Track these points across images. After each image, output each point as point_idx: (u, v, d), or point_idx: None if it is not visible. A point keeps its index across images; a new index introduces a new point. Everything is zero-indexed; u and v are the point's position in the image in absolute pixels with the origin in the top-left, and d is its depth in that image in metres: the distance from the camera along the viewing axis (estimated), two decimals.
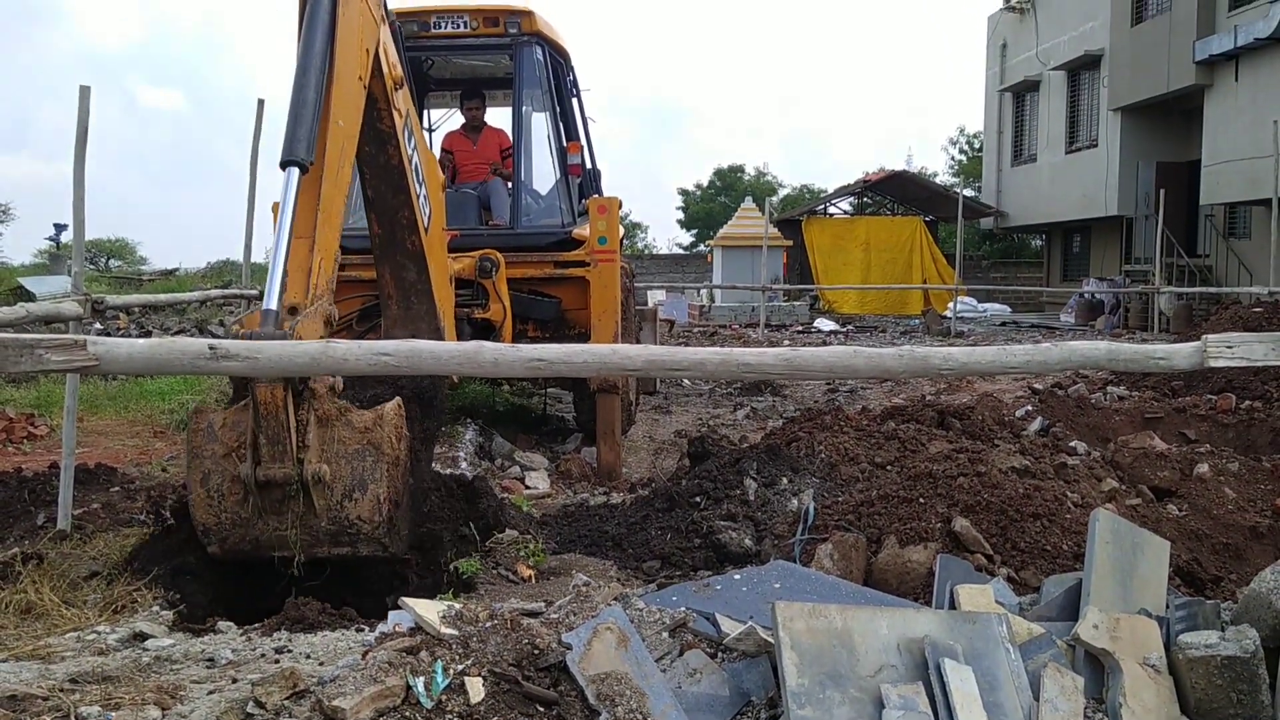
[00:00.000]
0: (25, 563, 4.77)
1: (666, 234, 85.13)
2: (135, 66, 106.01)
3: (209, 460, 4.11)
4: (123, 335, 14.73)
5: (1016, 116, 31.29)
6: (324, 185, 4.56)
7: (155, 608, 4.25)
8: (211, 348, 2.76)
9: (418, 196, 6.06)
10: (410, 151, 5.95)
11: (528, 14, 8.57)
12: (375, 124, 5.52)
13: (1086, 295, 24.82)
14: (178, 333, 15.33)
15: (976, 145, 41.48)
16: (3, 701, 3.24)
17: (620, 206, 8.39)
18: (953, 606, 3.33)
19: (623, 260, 8.68)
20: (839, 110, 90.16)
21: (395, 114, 5.68)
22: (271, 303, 4.00)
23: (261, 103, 8.14)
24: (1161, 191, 20.53)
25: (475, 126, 9.32)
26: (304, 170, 4.36)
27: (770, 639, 3.02)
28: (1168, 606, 3.40)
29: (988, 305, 28.20)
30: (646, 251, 42.32)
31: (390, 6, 8.47)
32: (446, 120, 10.30)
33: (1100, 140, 26.19)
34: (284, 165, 4.32)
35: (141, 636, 3.95)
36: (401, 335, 6.25)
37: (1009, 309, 28.36)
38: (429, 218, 6.33)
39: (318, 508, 4.09)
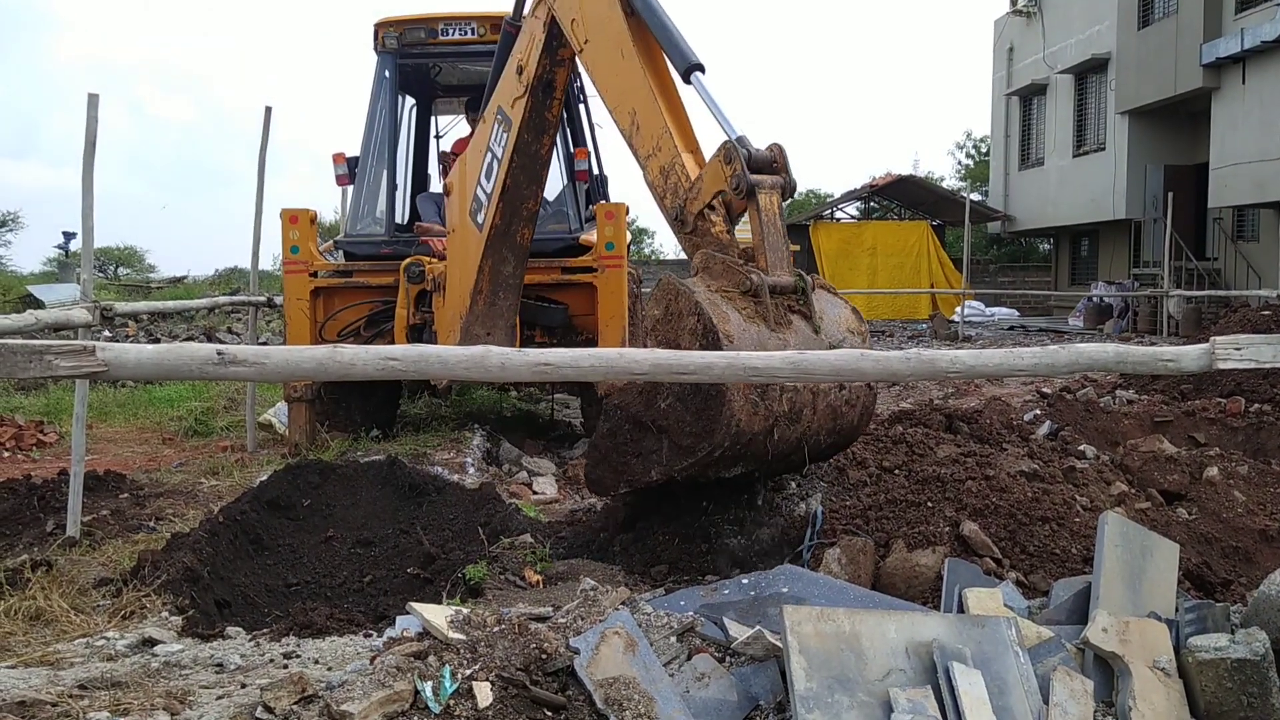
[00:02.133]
0: (35, 569, 4.78)
1: (673, 239, 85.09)
2: (144, 75, 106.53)
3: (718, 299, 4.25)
4: (131, 342, 14.77)
5: (1024, 120, 31.25)
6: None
7: (164, 613, 4.26)
8: (219, 353, 2.77)
9: (542, 186, 6.33)
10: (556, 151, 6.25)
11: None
12: (543, 112, 5.75)
13: (1095, 299, 24.76)
14: (186, 339, 15.38)
15: (983, 149, 41.45)
16: (12, 707, 3.24)
17: (627, 212, 8.40)
18: (961, 610, 3.33)
19: (630, 266, 8.68)
20: (845, 115, 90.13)
21: (560, 106, 5.94)
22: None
23: (269, 110, 8.18)
24: (1169, 195, 20.49)
25: None
26: (703, 70, 4.68)
27: (778, 643, 3.01)
28: (1177, 610, 3.39)
29: (995, 309, 28.15)
30: (654, 257, 42.30)
31: (399, 13, 8.55)
32: (454, 127, 10.34)
33: (1108, 144, 26.14)
34: (688, 72, 4.68)
35: (150, 642, 3.96)
36: (479, 331, 6.46)
37: (1017, 313, 28.31)
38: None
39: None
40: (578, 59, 5.58)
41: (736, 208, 4.55)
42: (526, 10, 6.14)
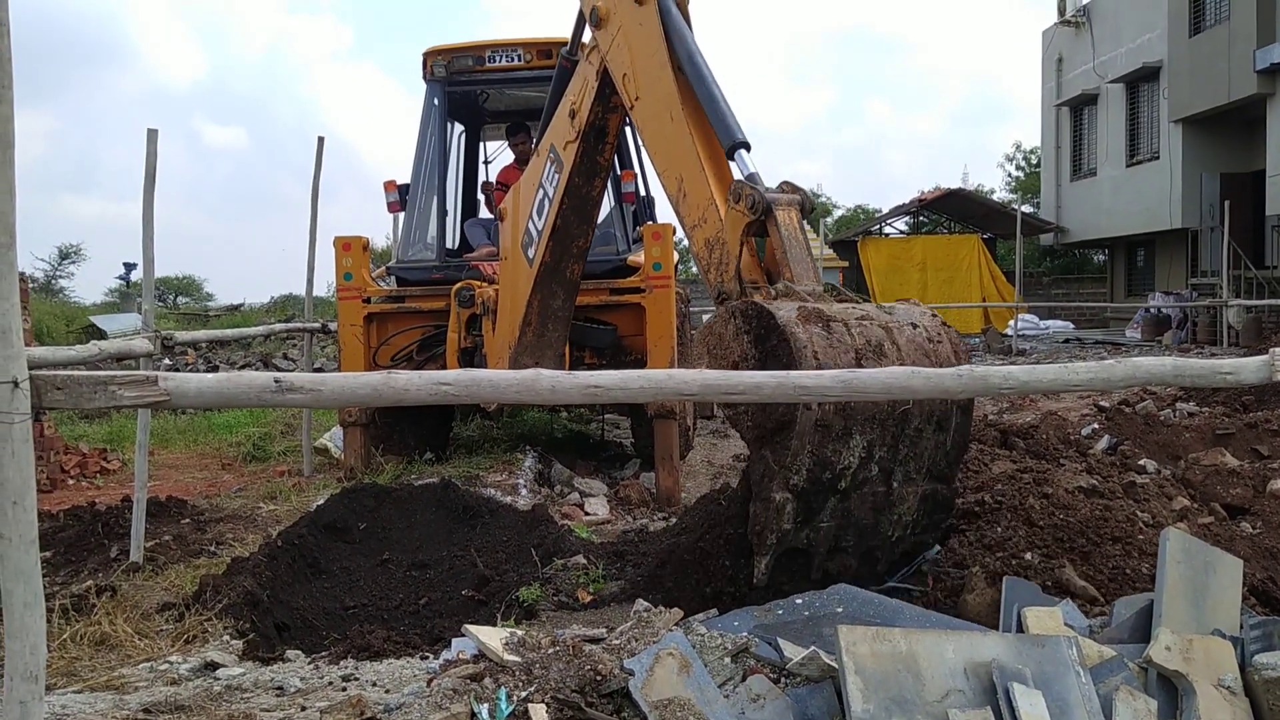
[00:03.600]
0: (99, 595, 4.88)
1: None
2: (199, 105, 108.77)
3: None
4: (190, 370, 15.06)
5: (1075, 131, 30.91)
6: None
7: (225, 637, 4.33)
8: (277, 380, 2.82)
9: (594, 223, 6.34)
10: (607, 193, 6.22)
11: (581, 46, 8.66)
12: (596, 156, 5.84)
13: (1152, 310, 24.37)
14: (243, 366, 15.64)
15: (1034, 161, 41.01)
16: None
17: (674, 233, 8.42)
18: (1020, 629, 3.28)
19: (678, 286, 8.70)
20: (892, 129, 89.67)
21: (611, 149, 5.93)
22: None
23: (321, 140, 8.33)
24: (1226, 203, 20.14)
25: (525, 159, 9.45)
26: (748, 148, 4.64)
27: (834, 664, 3.00)
28: (1242, 627, 3.32)
29: (1050, 322, 27.79)
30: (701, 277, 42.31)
31: (446, 42, 8.68)
32: (501, 152, 10.45)
33: (1162, 152, 25.77)
34: (732, 152, 4.65)
35: (213, 666, 4.02)
36: (527, 361, 6.53)
37: (1072, 326, 27.92)
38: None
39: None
40: (631, 114, 5.51)
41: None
42: (582, 50, 6.12)
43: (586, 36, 6.01)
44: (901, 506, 4.09)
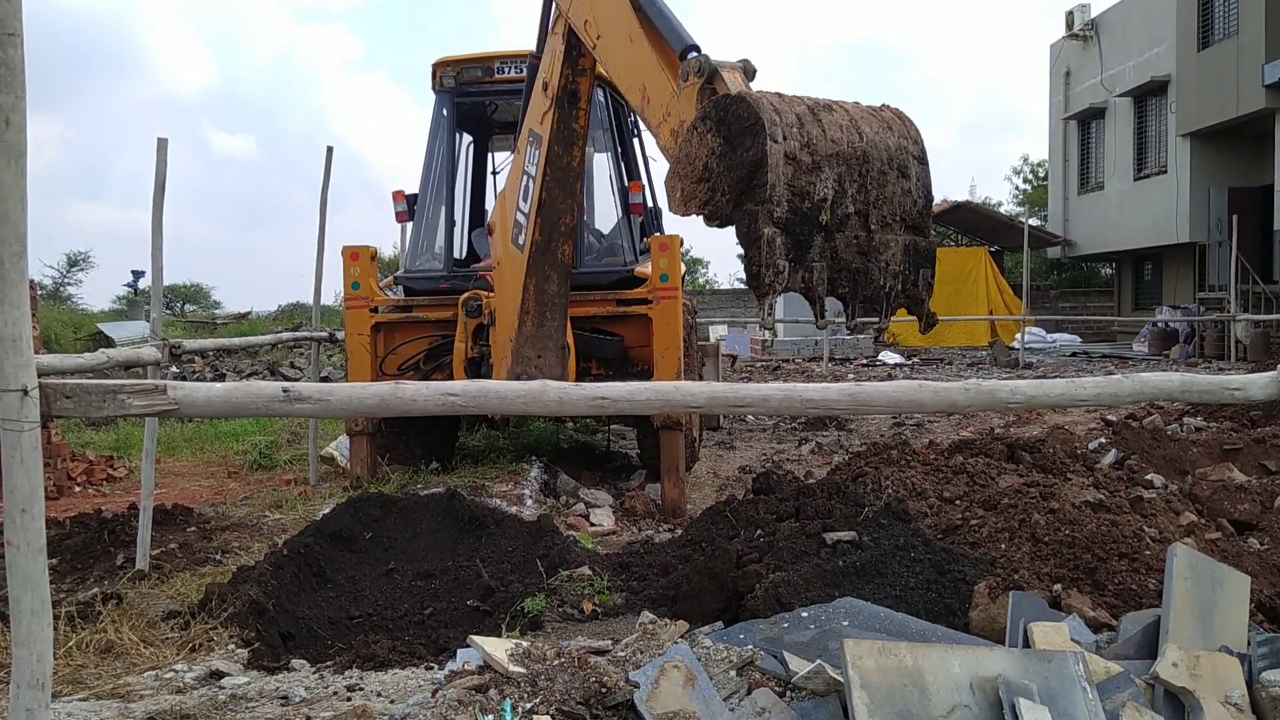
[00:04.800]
0: (105, 602, 4.89)
1: (728, 269, 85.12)
2: (209, 113, 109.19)
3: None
4: (197, 378, 15.09)
5: (1082, 144, 30.91)
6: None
7: (231, 646, 4.33)
8: (285, 390, 2.83)
9: (580, 205, 6.40)
10: (588, 164, 6.32)
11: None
12: (571, 123, 5.94)
13: (1160, 324, 24.34)
14: (250, 375, 15.67)
15: (1041, 174, 41.00)
16: None
17: (681, 244, 8.43)
18: (1027, 645, 3.27)
19: (684, 297, 8.70)
20: None
21: (585, 116, 6.08)
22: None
23: (330, 149, 8.36)
24: (1234, 217, 20.12)
25: None
26: (699, 50, 4.82)
27: (839, 677, 2.99)
28: (1249, 643, 3.31)
29: (1057, 335, 27.76)
30: (708, 287, 42.34)
31: (456, 53, 8.70)
32: (508, 164, 10.45)
33: (1169, 166, 25.76)
34: (683, 54, 4.85)
35: (218, 675, 4.02)
36: (529, 353, 6.56)
37: (1079, 339, 27.87)
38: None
39: None
40: (594, 53, 5.81)
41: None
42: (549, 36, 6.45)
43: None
44: (886, 253, 4.25)
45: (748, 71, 4.69)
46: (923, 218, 4.33)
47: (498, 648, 3.29)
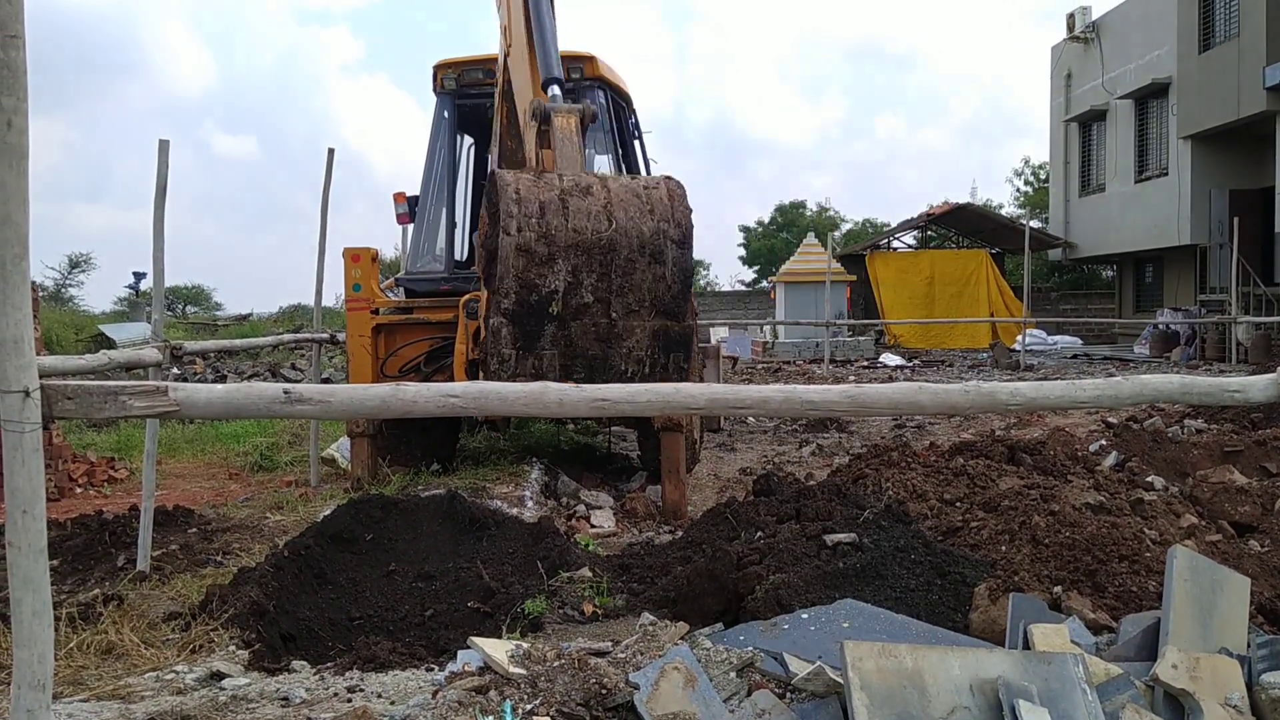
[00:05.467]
0: (106, 604, 4.89)
1: (729, 271, 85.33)
2: (209, 114, 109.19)
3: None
4: (199, 379, 15.11)
5: (1083, 146, 30.92)
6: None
7: (231, 647, 4.33)
8: (286, 392, 2.83)
9: None
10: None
11: (590, 59, 8.71)
12: (516, 115, 5.95)
13: (1160, 326, 24.33)
14: (251, 376, 15.68)
15: (1043, 176, 41.02)
16: None
17: None
18: (1027, 646, 3.28)
19: None
20: (902, 143, 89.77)
21: None
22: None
23: (331, 151, 8.36)
24: (1235, 219, 20.12)
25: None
26: (562, 85, 5.10)
27: (839, 679, 2.99)
28: (1249, 645, 3.31)
29: (1058, 337, 27.76)
30: (709, 289, 42.38)
31: (457, 55, 8.74)
32: None
33: (1170, 169, 25.77)
34: (545, 84, 5.10)
35: (218, 676, 4.02)
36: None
37: (1080, 341, 27.88)
38: None
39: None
40: (508, 62, 6.07)
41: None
42: None
43: None
44: (630, 339, 4.27)
45: (585, 116, 4.79)
46: (677, 302, 4.32)
47: (498, 649, 3.29)
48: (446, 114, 9.13)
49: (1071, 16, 29.91)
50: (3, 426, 2.42)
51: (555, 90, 5.09)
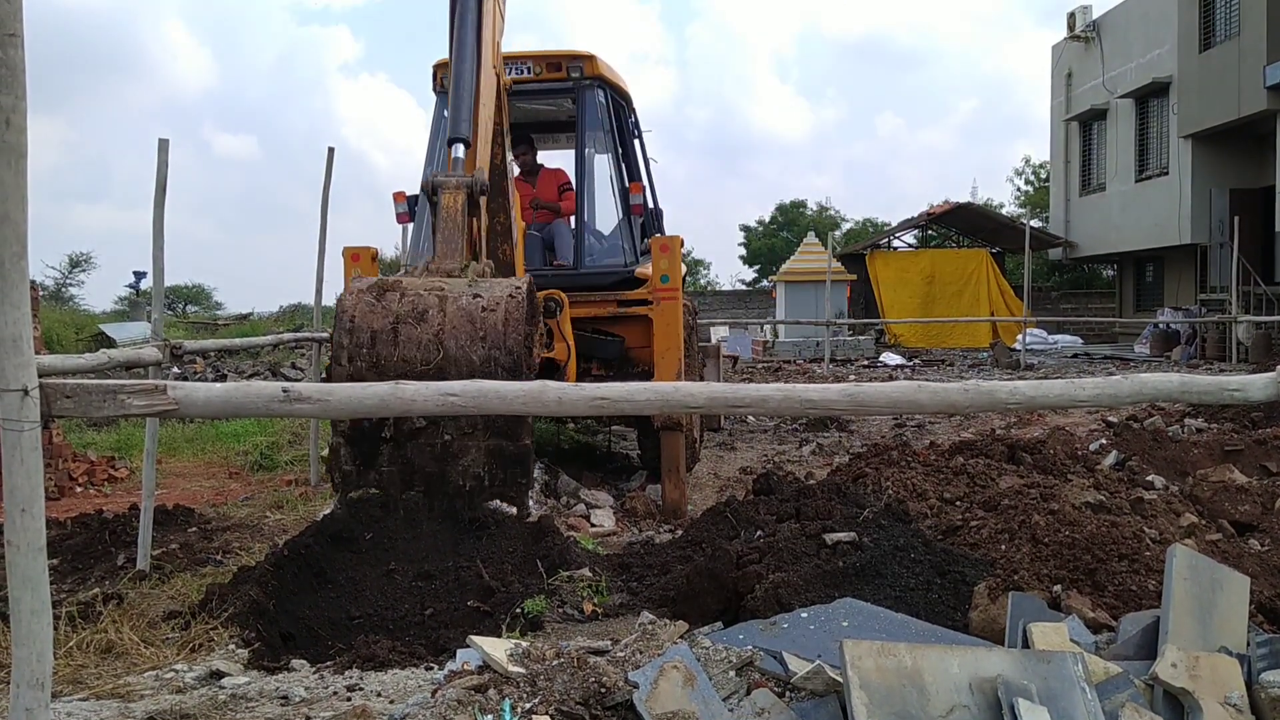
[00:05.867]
0: (106, 603, 4.89)
1: (729, 270, 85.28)
2: (209, 113, 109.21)
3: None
4: (199, 379, 15.10)
5: (1084, 146, 30.91)
6: (477, 158, 5.44)
7: (231, 646, 4.33)
8: (285, 391, 2.83)
9: (511, 207, 6.38)
10: (509, 160, 6.32)
11: (590, 59, 8.71)
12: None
13: (1161, 326, 24.33)
14: (251, 376, 15.68)
15: (1043, 175, 41.02)
16: None
17: (682, 245, 8.44)
18: (1026, 645, 3.27)
19: (685, 298, 8.70)
20: (903, 143, 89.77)
21: (504, 115, 6.08)
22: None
23: (331, 151, 8.37)
24: (1236, 219, 20.12)
25: (531, 170, 9.47)
26: (468, 145, 5.15)
27: (838, 678, 2.99)
28: (1249, 644, 3.31)
29: (1058, 337, 27.75)
30: (709, 288, 42.40)
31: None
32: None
33: (1171, 168, 25.76)
34: (451, 142, 5.18)
35: (218, 675, 4.03)
36: None
37: (1080, 340, 27.87)
38: (515, 237, 6.63)
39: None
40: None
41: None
42: None
43: None
44: (466, 458, 4.42)
45: (474, 191, 4.86)
46: (510, 425, 4.44)
47: (497, 648, 3.29)
48: (446, 113, 9.14)
49: (1072, 16, 29.90)
50: (2, 425, 2.42)
51: (459, 151, 5.18)
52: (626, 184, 9.16)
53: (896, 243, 34.34)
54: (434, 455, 4.36)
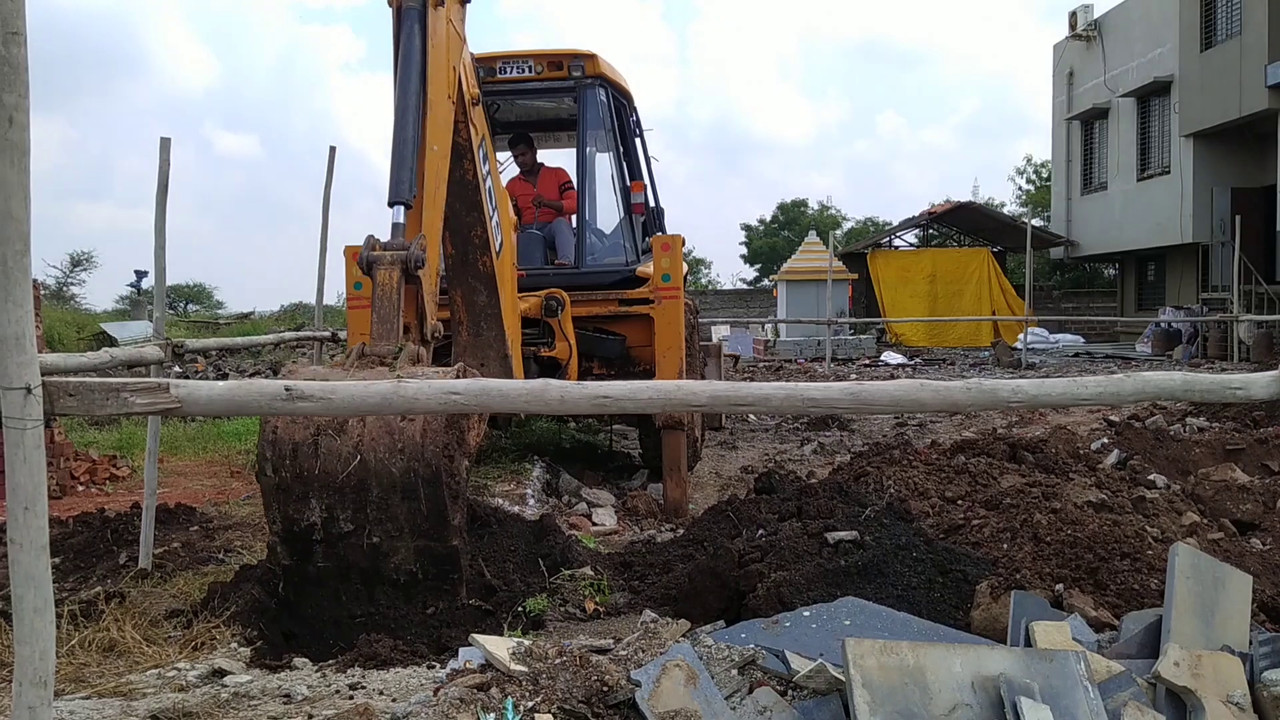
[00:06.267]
0: (108, 601, 4.89)
1: (730, 269, 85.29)
2: (211, 112, 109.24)
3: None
4: (200, 378, 15.10)
5: (1085, 145, 30.90)
6: (425, 213, 5.23)
7: (233, 644, 4.33)
8: (287, 389, 2.83)
9: (490, 217, 6.29)
10: (484, 171, 6.21)
11: (591, 57, 8.70)
12: (454, 138, 5.80)
13: (1163, 325, 24.31)
14: (253, 374, 15.69)
15: (1045, 174, 41.00)
16: None
17: (683, 243, 8.43)
18: (1028, 644, 3.27)
19: (686, 297, 8.70)
20: (904, 142, 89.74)
21: (472, 128, 5.97)
22: None
23: (333, 150, 8.35)
24: (1237, 218, 20.10)
25: (531, 170, 9.47)
26: (409, 207, 4.99)
27: (841, 676, 2.99)
28: (1251, 643, 3.31)
29: (1060, 336, 27.73)
30: (710, 287, 42.39)
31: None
32: (510, 165, 10.46)
33: (1173, 167, 25.75)
34: (391, 204, 4.98)
35: (220, 673, 4.03)
36: (470, 362, 6.46)
37: (1082, 339, 27.85)
38: (500, 244, 6.53)
39: None
40: None
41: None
42: None
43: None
44: (396, 557, 4.53)
45: (411, 264, 4.82)
46: (437, 528, 4.49)
47: (500, 646, 3.29)
48: None
49: (1073, 15, 29.89)
50: (4, 423, 2.42)
51: (399, 215, 5.02)
52: (628, 183, 9.16)
53: (898, 242, 34.32)
54: (366, 553, 4.48)
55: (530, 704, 2.94)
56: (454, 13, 5.61)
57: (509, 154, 9.67)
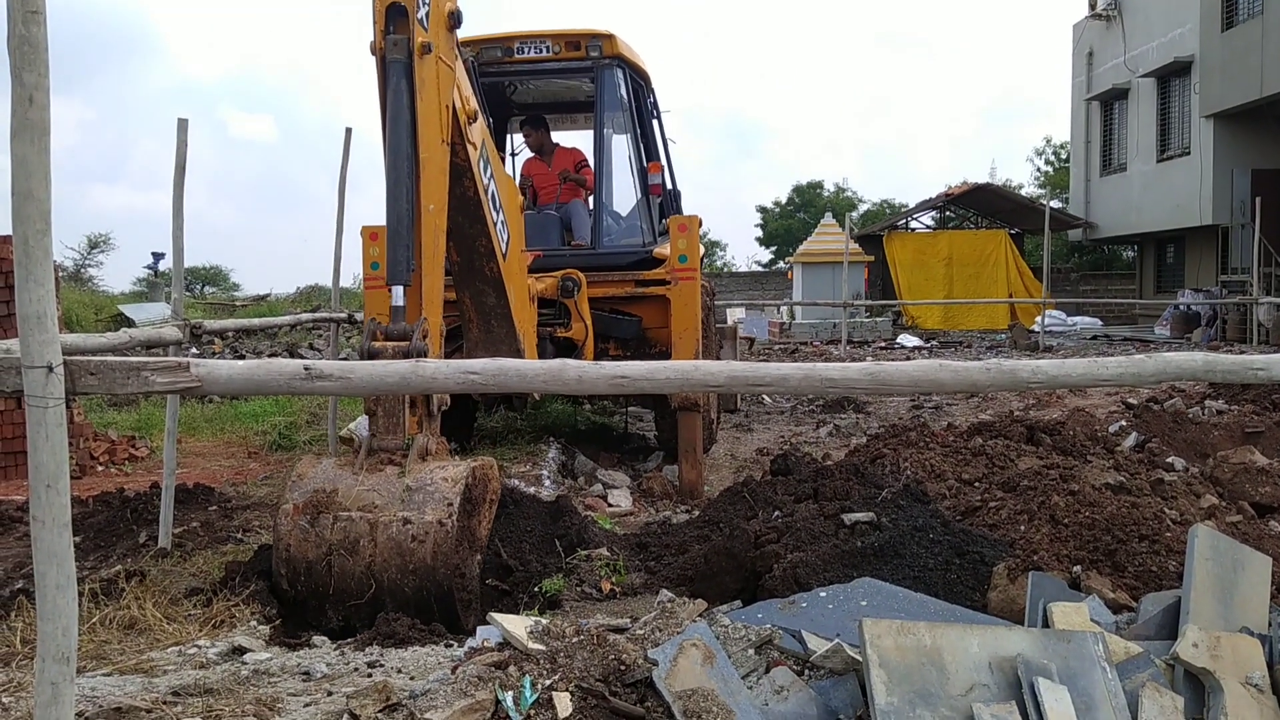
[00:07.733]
0: (128, 580, 4.93)
1: (746, 251, 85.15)
2: (227, 96, 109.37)
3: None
4: (217, 358, 15.16)
5: (1105, 125, 30.65)
6: (425, 279, 5.18)
7: (253, 623, 4.36)
8: (306, 368, 2.84)
9: (495, 225, 6.27)
10: (486, 181, 6.14)
11: (609, 37, 8.66)
12: (451, 159, 5.69)
13: (1181, 307, 24.14)
14: (270, 355, 15.75)
15: (1063, 156, 40.71)
16: (109, 713, 3.35)
17: (700, 225, 8.41)
18: (1046, 625, 3.27)
19: (703, 278, 8.69)
20: (920, 123, 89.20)
21: (470, 148, 5.90)
22: None
23: (349, 131, 8.35)
24: (1258, 199, 19.93)
25: (546, 150, 9.44)
26: (408, 285, 4.98)
27: (858, 656, 2.99)
28: (1270, 625, 3.30)
29: (1077, 318, 27.58)
30: (726, 269, 42.31)
31: (472, 33, 8.68)
32: (523, 149, 10.45)
33: (1193, 148, 25.53)
34: (389, 285, 4.96)
35: (240, 650, 4.06)
36: (483, 358, 6.42)
37: (1100, 322, 27.69)
38: (507, 243, 6.51)
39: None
40: None
41: None
42: None
43: None
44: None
45: (411, 355, 4.73)
46: (452, 626, 4.51)
47: (517, 625, 3.30)
48: None
49: None
50: (27, 401, 2.43)
51: (398, 297, 4.96)
52: (645, 164, 9.13)
53: (914, 224, 34.15)
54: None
55: (548, 682, 2.96)
56: (443, 49, 5.38)
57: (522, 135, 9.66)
